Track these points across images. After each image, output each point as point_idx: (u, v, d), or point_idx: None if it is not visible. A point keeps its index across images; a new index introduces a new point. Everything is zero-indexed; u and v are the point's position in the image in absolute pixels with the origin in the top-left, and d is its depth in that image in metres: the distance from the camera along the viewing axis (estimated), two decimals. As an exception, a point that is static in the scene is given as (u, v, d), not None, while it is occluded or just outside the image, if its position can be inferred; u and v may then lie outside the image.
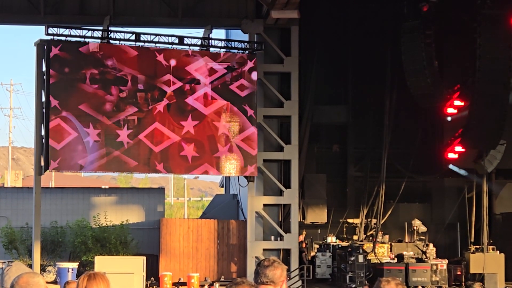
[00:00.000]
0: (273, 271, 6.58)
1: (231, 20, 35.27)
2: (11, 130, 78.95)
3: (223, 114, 33.67)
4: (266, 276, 6.54)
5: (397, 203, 39.25)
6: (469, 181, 38.39)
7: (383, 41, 37.39)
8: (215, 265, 35.71)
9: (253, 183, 34.49)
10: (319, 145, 40.06)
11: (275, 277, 6.56)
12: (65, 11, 34.23)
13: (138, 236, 37.07)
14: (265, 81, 34.78)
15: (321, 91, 38.59)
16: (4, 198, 38.83)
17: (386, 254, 37.05)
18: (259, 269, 6.62)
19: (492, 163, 37.31)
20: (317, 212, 38.04)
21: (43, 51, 31.86)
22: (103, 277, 6.58)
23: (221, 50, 34.12)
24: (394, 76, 37.12)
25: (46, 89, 31.80)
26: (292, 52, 35.00)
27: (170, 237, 35.73)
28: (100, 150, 32.11)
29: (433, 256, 35.90)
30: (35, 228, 32.41)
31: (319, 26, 37.85)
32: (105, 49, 32.30)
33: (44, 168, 31.97)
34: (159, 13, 34.99)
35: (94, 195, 39.42)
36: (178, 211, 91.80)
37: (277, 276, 6.56)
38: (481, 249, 36.06)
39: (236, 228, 35.98)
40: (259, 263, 6.70)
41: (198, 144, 33.30)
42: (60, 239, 36.77)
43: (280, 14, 33.11)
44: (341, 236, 38.61)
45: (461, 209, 38.65)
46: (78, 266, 33.52)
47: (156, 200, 39.71)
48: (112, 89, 32.39)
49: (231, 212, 38.71)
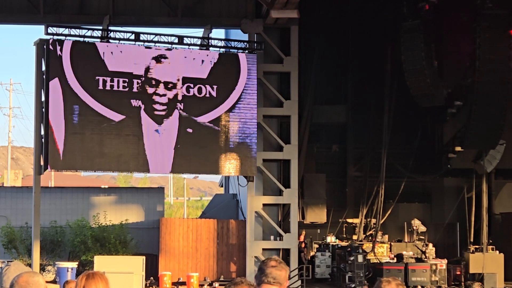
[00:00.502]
0: (280, 272, 6.56)
1: (230, 20, 35.26)
2: (10, 130, 79.04)
3: (222, 114, 33.66)
4: (273, 277, 6.52)
5: (397, 203, 39.24)
6: (469, 181, 38.41)
7: (383, 41, 37.39)
8: (214, 264, 35.72)
9: (252, 182, 34.49)
10: (319, 145, 40.04)
11: (281, 278, 6.55)
12: (64, 10, 34.22)
13: (138, 236, 37.07)
14: (264, 81, 34.78)
15: (321, 91, 38.59)
16: (4, 198, 38.83)
17: (386, 254, 37.05)
18: (265, 268, 6.57)
19: (491, 163, 37.33)
20: (316, 212, 38.03)
21: (43, 50, 31.85)
22: (102, 277, 6.58)
23: (221, 50, 34.12)
24: (393, 76, 37.12)
25: (45, 88, 31.79)
26: (292, 52, 35.00)
27: (169, 237, 35.73)
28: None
29: (433, 256, 35.91)
30: (35, 228, 32.40)
31: (319, 26, 37.85)
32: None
33: (43, 168, 31.97)
34: (159, 13, 34.98)
35: (94, 195, 39.41)
36: (177, 210, 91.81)
37: (283, 277, 6.57)
38: (480, 249, 36.08)
39: (235, 227, 35.98)
40: (265, 262, 6.65)
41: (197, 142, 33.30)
42: (59, 238, 36.76)
43: (280, 13, 33.10)
44: (341, 236, 38.61)
45: (460, 209, 38.67)
46: (77, 265, 33.51)
47: (155, 200, 39.71)
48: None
49: (231, 212, 38.71)
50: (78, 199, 38.90)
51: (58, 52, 31.52)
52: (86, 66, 31.98)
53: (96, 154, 32.09)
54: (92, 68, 32.03)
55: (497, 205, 39.74)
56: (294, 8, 32.81)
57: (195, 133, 33.28)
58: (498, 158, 37.13)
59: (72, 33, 31.85)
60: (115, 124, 32.27)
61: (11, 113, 78.15)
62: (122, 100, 32.40)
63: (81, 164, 32.41)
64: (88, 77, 31.95)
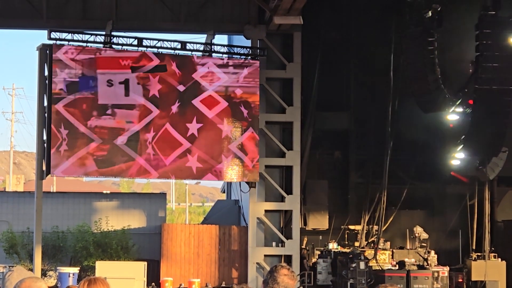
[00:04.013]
0: (292, 281, 6.62)
1: (233, 26, 35.28)
2: (12, 135, 79.03)
3: (225, 120, 33.67)
4: (285, 286, 6.54)
5: (399, 209, 39.18)
6: (471, 188, 38.38)
7: (385, 47, 37.36)
8: (216, 270, 35.68)
9: (254, 189, 34.48)
10: (321, 151, 39.98)
11: (292, 287, 6.62)
12: (67, 15, 34.25)
13: (139, 241, 37.04)
14: (267, 87, 34.79)
15: (323, 97, 38.55)
16: (6, 203, 38.83)
17: (388, 260, 36.97)
18: (277, 276, 6.57)
19: (494, 171, 37.25)
20: (318, 219, 37.98)
21: (46, 55, 31.88)
22: (103, 282, 6.57)
23: (224, 55, 34.14)
24: (396, 83, 37.10)
25: (48, 93, 31.81)
26: (295, 58, 35.01)
27: (171, 243, 35.71)
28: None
29: (435, 263, 35.86)
30: (36, 233, 32.40)
31: (322, 32, 37.84)
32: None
33: (45, 173, 31.96)
34: (162, 18, 35.01)
35: (96, 200, 39.40)
36: (179, 216, 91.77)
37: (293, 285, 6.63)
38: (482, 256, 36.02)
39: (237, 234, 35.95)
40: (277, 269, 6.64)
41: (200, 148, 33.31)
42: (61, 244, 36.75)
43: (283, 20, 33.10)
44: (343, 243, 38.53)
45: (462, 216, 38.60)
46: (79, 271, 33.49)
47: (157, 205, 39.71)
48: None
49: (233, 218, 38.69)
50: (80, 204, 38.90)
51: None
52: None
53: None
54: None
55: (500, 213, 39.67)
56: (297, 14, 32.81)
57: (199, 137, 33.31)
58: (501, 165, 37.05)
59: (75, 38, 31.89)
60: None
61: (14, 118, 78.24)
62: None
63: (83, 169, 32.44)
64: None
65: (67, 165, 31.63)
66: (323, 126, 38.98)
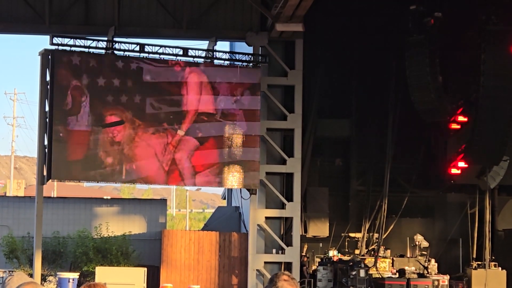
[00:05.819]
0: (292, 287, 6.62)
1: (235, 32, 35.30)
2: (14, 139, 79.02)
3: (226, 126, 33.69)
4: None
5: (400, 218, 39.19)
6: (472, 197, 38.36)
7: (387, 55, 37.38)
8: (216, 277, 35.64)
9: (255, 195, 34.47)
10: (322, 159, 40.01)
11: None
12: (70, 21, 34.27)
13: (140, 247, 37.02)
14: (268, 94, 34.80)
15: (325, 104, 38.61)
16: (6, 207, 38.83)
17: (388, 268, 36.94)
18: (277, 281, 6.59)
19: (495, 179, 37.30)
20: (319, 226, 37.98)
21: (48, 60, 31.92)
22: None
23: (225, 62, 34.17)
24: (398, 91, 37.11)
25: (49, 98, 31.85)
26: (296, 65, 35.02)
27: (171, 249, 35.68)
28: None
29: (435, 271, 35.83)
30: (37, 238, 32.40)
31: (324, 39, 37.89)
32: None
33: (46, 178, 31.97)
34: (164, 24, 35.03)
35: (96, 206, 39.40)
36: (179, 222, 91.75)
37: None
38: (483, 265, 35.99)
39: (237, 240, 35.92)
40: (277, 275, 6.66)
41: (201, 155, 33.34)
42: (61, 249, 36.72)
43: (285, 27, 33.14)
44: (343, 250, 38.52)
45: (463, 225, 38.59)
46: (79, 276, 33.47)
47: (158, 211, 39.69)
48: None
49: (233, 225, 38.68)
50: (81, 209, 38.90)
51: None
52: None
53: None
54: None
55: (500, 222, 39.67)
56: (299, 21, 32.84)
57: (199, 144, 33.35)
58: (502, 174, 37.10)
59: (77, 44, 31.94)
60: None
61: (15, 123, 78.26)
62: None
63: (84, 175, 32.46)
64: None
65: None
66: (324, 133, 39.01)
